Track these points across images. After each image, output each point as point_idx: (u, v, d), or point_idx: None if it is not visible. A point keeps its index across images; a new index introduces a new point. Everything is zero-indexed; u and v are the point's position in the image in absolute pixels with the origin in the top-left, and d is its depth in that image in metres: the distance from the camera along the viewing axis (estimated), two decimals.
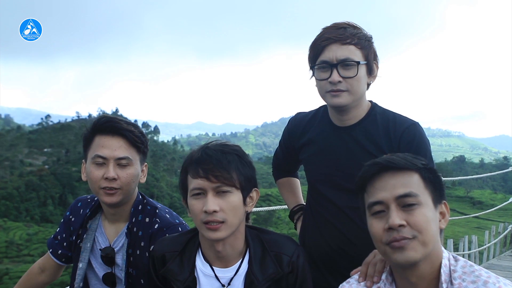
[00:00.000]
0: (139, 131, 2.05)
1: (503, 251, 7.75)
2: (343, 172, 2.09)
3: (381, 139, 2.06)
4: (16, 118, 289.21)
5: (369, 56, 2.02)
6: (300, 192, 2.60)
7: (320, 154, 2.17)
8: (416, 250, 1.45)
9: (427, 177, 1.52)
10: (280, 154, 2.51)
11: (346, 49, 1.97)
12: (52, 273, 2.34)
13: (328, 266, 2.16)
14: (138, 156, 2.06)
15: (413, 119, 2.10)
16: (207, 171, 1.64)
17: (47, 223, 74.89)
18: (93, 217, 2.17)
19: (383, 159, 1.56)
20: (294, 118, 2.36)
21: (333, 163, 2.12)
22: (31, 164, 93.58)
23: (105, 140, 1.99)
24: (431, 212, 1.48)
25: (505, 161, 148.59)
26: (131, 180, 2.02)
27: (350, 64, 1.97)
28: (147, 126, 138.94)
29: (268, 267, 1.75)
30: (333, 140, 2.13)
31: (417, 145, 2.03)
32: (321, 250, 2.17)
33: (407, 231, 1.45)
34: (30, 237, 62.37)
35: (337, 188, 2.12)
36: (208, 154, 1.68)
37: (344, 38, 1.97)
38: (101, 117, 2.04)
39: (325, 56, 2.00)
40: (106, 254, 2.10)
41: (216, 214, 1.64)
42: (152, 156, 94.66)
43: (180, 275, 1.78)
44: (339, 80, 1.97)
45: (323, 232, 2.16)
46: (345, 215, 2.10)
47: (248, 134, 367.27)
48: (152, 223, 2.07)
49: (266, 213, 61.76)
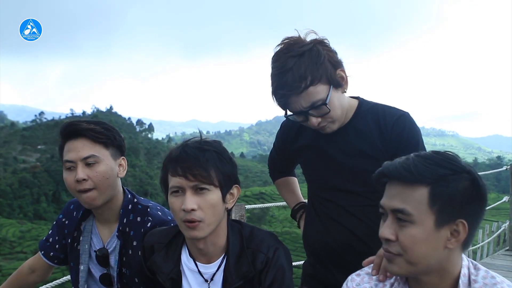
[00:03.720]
0: (102, 127, 2.02)
1: (497, 250, 7.75)
2: (340, 175, 2.08)
3: (374, 135, 2.04)
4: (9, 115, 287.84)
5: (330, 77, 1.90)
6: (299, 190, 2.59)
7: (316, 159, 2.15)
8: (400, 267, 1.40)
9: (439, 192, 1.35)
10: (275, 156, 2.50)
11: (305, 95, 1.87)
12: (43, 273, 2.33)
13: (336, 263, 2.15)
14: (107, 151, 2.03)
15: (402, 110, 2.07)
16: (185, 169, 1.65)
17: (40, 220, 74.68)
18: (86, 218, 2.17)
19: (394, 166, 1.43)
20: (286, 122, 2.31)
21: (329, 166, 2.11)
22: (25, 161, 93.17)
23: (70, 144, 2.00)
24: (426, 233, 1.35)
25: (498, 161, 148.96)
26: (103, 176, 1.99)
27: (318, 104, 1.89)
28: (141, 124, 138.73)
29: (242, 265, 1.75)
30: (327, 144, 2.11)
31: (408, 136, 2.01)
32: (327, 247, 2.16)
33: (393, 247, 1.40)
34: (23, 234, 62.10)
35: (337, 190, 2.11)
36: (187, 152, 1.68)
37: (297, 87, 1.85)
38: (66, 123, 2.04)
39: (292, 108, 1.94)
40: (102, 254, 2.09)
41: (194, 212, 1.64)
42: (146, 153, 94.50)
43: (165, 267, 1.80)
44: (318, 121, 1.94)
45: (329, 230, 2.15)
46: (349, 213, 2.09)
47: (242, 132, 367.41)
48: (144, 221, 2.06)
49: (260, 211, 61.79)
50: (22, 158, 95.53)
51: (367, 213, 2.07)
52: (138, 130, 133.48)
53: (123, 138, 2.13)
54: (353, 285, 1.62)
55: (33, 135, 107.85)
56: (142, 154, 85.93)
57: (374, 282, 1.59)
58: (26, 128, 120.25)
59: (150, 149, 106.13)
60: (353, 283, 1.62)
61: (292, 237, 50.75)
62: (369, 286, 1.59)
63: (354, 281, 1.63)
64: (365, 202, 2.07)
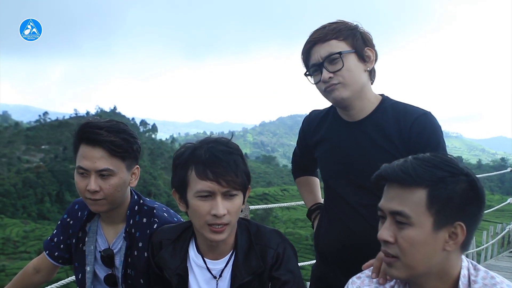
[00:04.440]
0: (122, 137, 1.95)
1: (501, 252, 7.73)
2: (355, 168, 2.07)
3: (392, 132, 2.02)
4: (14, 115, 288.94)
5: (356, 43, 1.99)
6: (318, 191, 2.57)
7: (332, 151, 2.15)
8: (399, 271, 1.40)
9: (437, 194, 1.34)
10: (298, 153, 2.51)
11: (327, 45, 1.97)
12: (47, 273, 2.33)
13: (340, 264, 2.14)
14: (123, 163, 1.98)
15: (424, 109, 2.05)
16: (217, 175, 1.62)
17: (44, 220, 74.91)
18: (91, 219, 2.16)
19: (392, 168, 1.42)
20: (308, 116, 2.35)
21: (345, 159, 2.10)
22: (29, 161, 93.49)
23: (86, 151, 1.93)
24: (424, 235, 1.35)
25: (502, 162, 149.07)
26: (115, 190, 1.97)
27: (334, 58, 1.95)
28: (145, 124, 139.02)
29: (251, 261, 1.75)
30: (344, 136, 2.11)
31: (428, 136, 1.99)
32: (332, 248, 2.16)
33: (392, 249, 1.39)
34: (26, 234, 62.32)
35: (349, 184, 2.10)
36: (217, 156, 1.64)
37: (323, 36, 1.98)
38: (84, 124, 1.97)
39: (312, 59, 2.01)
40: (107, 255, 2.09)
41: (224, 217, 1.64)
42: (150, 154, 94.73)
43: (171, 263, 1.79)
44: (330, 76, 1.97)
45: (335, 230, 2.15)
46: (357, 212, 2.08)
47: (246, 133, 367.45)
48: (150, 223, 2.05)
49: (263, 212, 61.80)
50: (26, 158, 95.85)
51: (373, 213, 2.05)
52: (142, 130, 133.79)
53: (139, 144, 2.06)
54: (355, 286, 1.61)
55: (37, 135, 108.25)
56: (146, 154, 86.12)
57: (374, 285, 1.58)
58: (30, 128, 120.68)
59: (153, 149, 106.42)
60: (353, 286, 1.62)
61: (296, 238, 50.76)
62: None
63: (354, 283, 1.63)
64: (373, 201, 2.05)
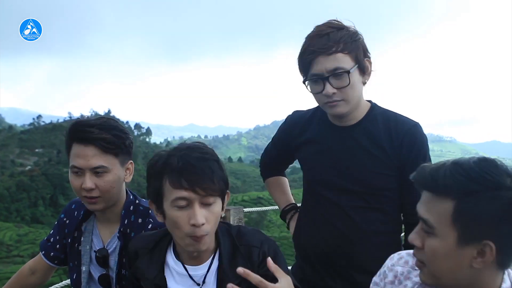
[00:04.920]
0: (114, 134, 1.96)
1: None
2: (344, 173, 2.08)
3: (383, 138, 2.05)
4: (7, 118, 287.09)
5: (359, 57, 1.97)
6: (289, 191, 2.58)
7: (320, 154, 2.15)
8: (426, 276, 1.36)
9: (465, 208, 1.22)
10: (273, 152, 2.49)
11: (333, 59, 1.92)
12: (43, 274, 2.32)
13: (325, 265, 2.14)
14: (117, 159, 1.99)
15: (414, 120, 2.09)
16: (192, 183, 1.56)
17: (38, 224, 74.44)
18: (87, 219, 2.16)
19: (424, 172, 1.32)
20: (292, 116, 2.33)
21: (334, 163, 2.11)
22: (22, 164, 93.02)
23: (79, 150, 1.94)
24: (447, 248, 1.26)
25: None
26: (111, 186, 1.98)
27: (340, 73, 1.93)
28: (139, 128, 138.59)
29: (238, 263, 1.70)
30: (333, 140, 2.12)
31: (419, 147, 2.04)
32: (318, 249, 2.15)
33: (420, 254, 1.35)
34: (20, 238, 61.88)
35: (338, 188, 2.10)
36: (190, 163, 1.58)
37: (329, 47, 1.91)
38: (74, 123, 1.97)
39: (314, 69, 1.96)
40: (102, 255, 2.09)
41: (203, 227, 1.59)
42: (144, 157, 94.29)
43: (149, 273, 1.75)
44: (334, 92, 1.95)
45: (321, 231, 2.14)
46: (346, 214, 2.08)
47: (240, 136, 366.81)
48: (145, 223, 2.06)
49: (257, 216, 61.68)
50: (20, 161, 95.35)
51: (362, 215, 2.08)
52: (136, 134, 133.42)
53: (132, 139, 2.07)
54: (391, 263, 1.59)
55: (30, 138, 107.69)
56: (140, 158, 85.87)
57: (407, 268, 1.54)
58: (24, 132, 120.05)
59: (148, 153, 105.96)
60: (391, 261, 1.60)
61: (290, 242, 50.28)
62: (401, 270, 1.55)
63: (392, 259, 1.60)
64: (362, 204, 2.07)
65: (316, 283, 2.16)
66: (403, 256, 1.58)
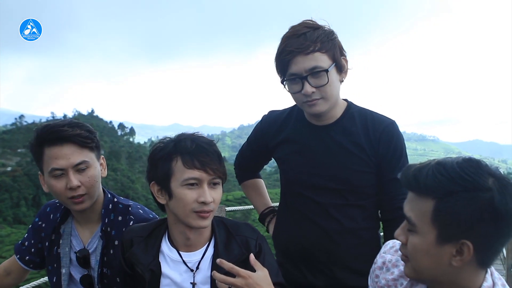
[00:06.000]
0: (86, 129, 1.99)
1: None
2: (325, 171, 2.11)
3: (360, 137, 2.08)
4: None
5: (335, 55, 2.00)
6: (267, 193, 2.61)
7: (298, 153, 2.17)
8: (409, 270, 1.41)
9: (444, 208, 1.26)
10: (248, 153, 2.50)
11: (311, 58, 1.95)
12: (18, 276, 2.33)
13: (306, 262, 2.17)
14: (93, 154, 2.02)
15: (390, 118, 2.13)
16: (204, 164, 1.71)
17: (20, 224, 73.37)
18: (65, 221, 2.16)
19: (408, 171, 1.35)
20: (268, 116, 2.35)
21: (312, 162, 2.13)
22: (4, 165, 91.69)
23: (56, 151, 1.94)
24: (427, 245, 1.31)
25: None
26: (95, 181, 2.00)
27: (319, 72, 1.96)
28: (123, 128, 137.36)
29: (233, 250, 1.82)
30: (311, 139, 2.14)
31: (396, 145, 2.09)
32: (299, 245, 2.18)
33: (404, 249, 1.40)
34: (2, 239, 60.93)
35: (317, 187, 2.13)
36: (202, 146, 1.74)
37: (306, 47, 1.94)
38: (43, 128, 1.96)
39: (292, 69, 1.98)
40: (83, 255, 2.09)
41: (209, 204, 1.72)
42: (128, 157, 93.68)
43: (144, 259, 1.82)
44: (313, 91, 1.98)
45: (302, 228, 2.17)
46: (325, 211, 2.12)
47: (224, 136, 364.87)
48: (126, 220, 2.08)
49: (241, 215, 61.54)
50: (2, 161, 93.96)
51: (343, 212, 2.11)
52: (120, 134, 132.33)
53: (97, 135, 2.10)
54: (383, 250, 1.68)
55: (13, 138, 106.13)
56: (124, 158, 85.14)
57: (396, 257, 1.61)
58: (6, 132, 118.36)
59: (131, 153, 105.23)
60: (384, 248, 1.68)
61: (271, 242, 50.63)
62: (390, 257, 1.63)
63: (385, 247, 1.68)
64: (342, 201, 2.11)
65: (297, 280, 2.18)
66: (395, 245, 1.65)
